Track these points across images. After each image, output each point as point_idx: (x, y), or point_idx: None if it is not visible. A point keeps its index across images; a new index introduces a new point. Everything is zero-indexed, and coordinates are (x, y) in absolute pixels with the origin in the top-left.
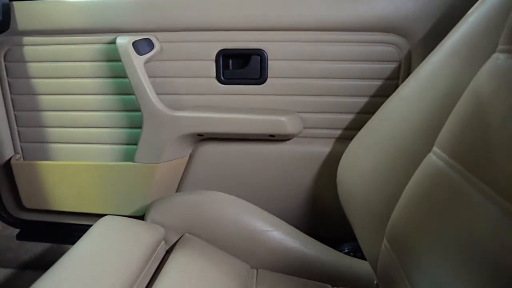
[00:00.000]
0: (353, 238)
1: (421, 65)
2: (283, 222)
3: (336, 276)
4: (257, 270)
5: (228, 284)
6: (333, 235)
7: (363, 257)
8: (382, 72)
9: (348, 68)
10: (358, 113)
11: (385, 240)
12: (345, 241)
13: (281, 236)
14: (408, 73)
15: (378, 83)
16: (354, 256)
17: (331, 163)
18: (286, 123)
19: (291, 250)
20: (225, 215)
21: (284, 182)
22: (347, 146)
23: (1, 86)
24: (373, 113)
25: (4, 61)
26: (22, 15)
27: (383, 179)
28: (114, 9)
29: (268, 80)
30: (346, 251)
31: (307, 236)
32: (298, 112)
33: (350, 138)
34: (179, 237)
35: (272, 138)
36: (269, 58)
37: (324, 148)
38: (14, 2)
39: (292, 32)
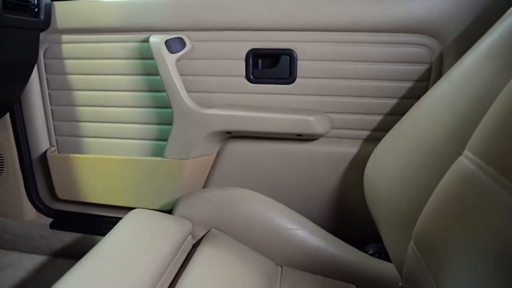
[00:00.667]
0: (378, 240)
1: (453, 67)
2: (308, 220)
3: (360, 276)
4: (281, 267)
5: (254, 279)
6: (357, 236)
7: (387, 259)
8: (413, 74)
9: (378, 69)
10: (386, 114)
11: (412, 242)
12: (370, 242)
13: (306, 234)
14: (439, 75)
15: (408, 84)
16: (379, 257)
17: (358, 164)
18: (314, 123)
19: (316, 248)
20: (251, 212)
21: (310, 181)
22: (374, 147)
23: (40, 82)
24: (402, 114)
25: (44, 58)
26: (62, 14)
27: (411, 182)
28: (148, 9)
29: (297, 80)
30: (371, 252)
31: (332, 236)
32: (326, 112)
33: (378, 140)
34: (205, 232)
35: (299, 138)
36: (298, 58)
37: (351, 149)
38: (54, 2)
39: (322, 33)
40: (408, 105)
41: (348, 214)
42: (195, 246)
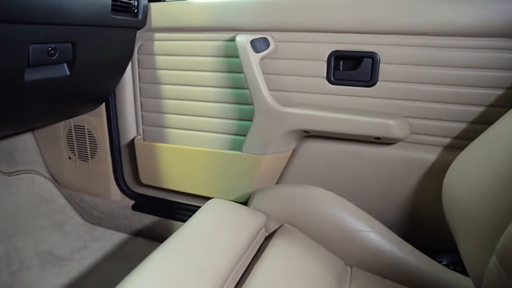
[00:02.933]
0: (453, 250)
1: None
2: (380, 224)
3: (432, 287)
4: (351, 267)
5: (324, 277)
6: (430, 245)
7: (463, 272)
8: (503, 81)
9: (464, 75)
10: (471, 122)
11: (494, 257)
12: (443, 252)
13: (378, 237)
14: None
15: (498, 92)
16: (453, 269)
17: (437, 171)
18: (393, 127)
19: (387, 252)
20: (325, 210)
21: (384, 185)
22: (455, 155)
23: (133, 76)
24: (488, 123)
25: (137, 54)
26: (156, 14)
27: (496, 194)
28: (235, 10)
29: (378, 83)
30: (444, 263)
31: (404, 241)
32: (406, 117)
33: (460, 148)
34: (278, 226)
35: (377, 141)
36: (381, 61)
37: (430, 156)
38: (150, 3)
39: (407, 36)
40: (496, 114)
41: (421, 221)
42: (267, 239)
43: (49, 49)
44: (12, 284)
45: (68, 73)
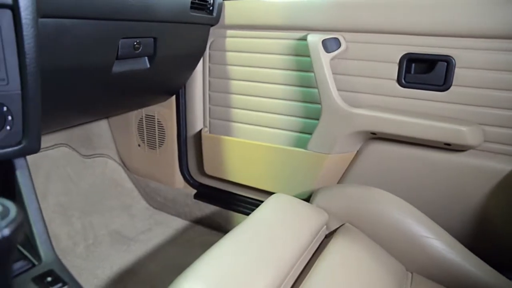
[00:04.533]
0: None
1: None
2: (445, 232)
3: None
4: (412, 273)
5: (384, 280)
6: (499, 259)
7: None
8: None
9: None
10: None
11: None
12: None
13: (442, 245)
14: None
15: None
16: None
17: (511, 182)
18: (466, 133)
19: (451, 262)
20: (388, 213)
21: (452, 192)
22: None
23: (203, 70)
24: None
25: (209, 49)
26: (229, 11)
27: None
28: (308, 9)
29: (452, 88)
30: None
31: (470, 253)
32: (479, 124)
33: None
34: (339, 225)
35: (447, 147)
36: (456, 65)
37: (504, 166)
38: (225, 1)
39: (485, 40)
40: None
41: (491, 234)
42: (327, 237)
43: (135, 43)
44: (87, 257)
45: (148, 66)
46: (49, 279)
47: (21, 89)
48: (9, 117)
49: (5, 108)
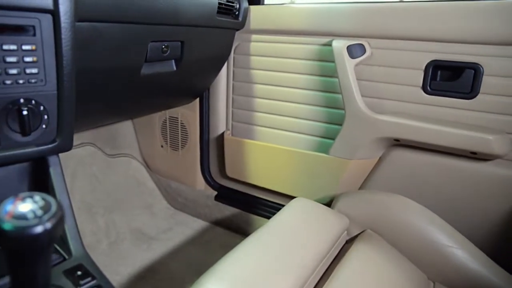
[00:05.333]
0: None
1: None
2: (469, 241)
3: None
4: (434, 283)
5: None
6: None
7: None
8: None
9: None
10: None
11: None
12: None
13: (466, 255)
14: None
15: None
16: None
17: None
18: (493, 142)
19: (475, 273)
20: (410, 221)
21: (477, 202)
22: None
23: (227, 74)
24: None
25: (234, 53)
26: (255, 16)
27: None
28: (333, 15)
29: (479, 95)
30: None
31: (496, 264)
32: (507, 133)
33: None
34: (360, 231)
35: (472, 156)
36: (484, 73)
37: None
38: (250, 6)
39: None
40: None
41: None
42: (348, 242)
43: (163, 47)
44: (110, 253)
45: (175, 69)
46: (79, 273)
47: (57, 90)
48: (45, 116)
49: (42, 108)
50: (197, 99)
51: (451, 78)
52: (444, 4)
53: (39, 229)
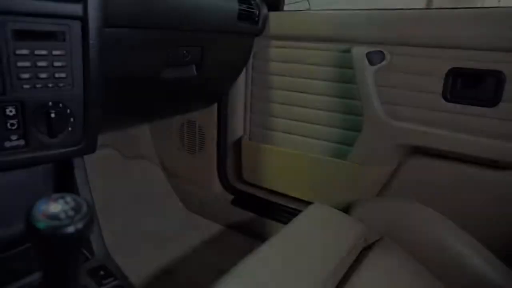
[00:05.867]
0: None
1: None
2: (489, 252)
3: None
4: None
5: None
6: None
7: None
8: None
9: None
10: None
11: None
12: None
13: (484, 265)
14: None
15: None
16: None
17: None
18: None
19: (494, 283)
20: (429, 229)
21: (498, 211)
22: None
23: (246, 79)
24: None
25: (253, 58)
26: (274, 22)
27: None
28: (352, 22)
29: (501, 103)
30: None
31: None
32: None
33: None
34: (377, 238)
35: (493, 164)
36: (507, 80)
37: None
38: (270, 12)
39: None
40: None
41: None
42: (365, 249)
43: (184, 51)
44: (126, 255)
45: (195, 73)
46: (102, 273)
47: (83, 93)
48: (72, 119)
49: (68, 111)
50: (215, 104)
51: (472, 86)
52: (465, 11)
53: (71, 229)
